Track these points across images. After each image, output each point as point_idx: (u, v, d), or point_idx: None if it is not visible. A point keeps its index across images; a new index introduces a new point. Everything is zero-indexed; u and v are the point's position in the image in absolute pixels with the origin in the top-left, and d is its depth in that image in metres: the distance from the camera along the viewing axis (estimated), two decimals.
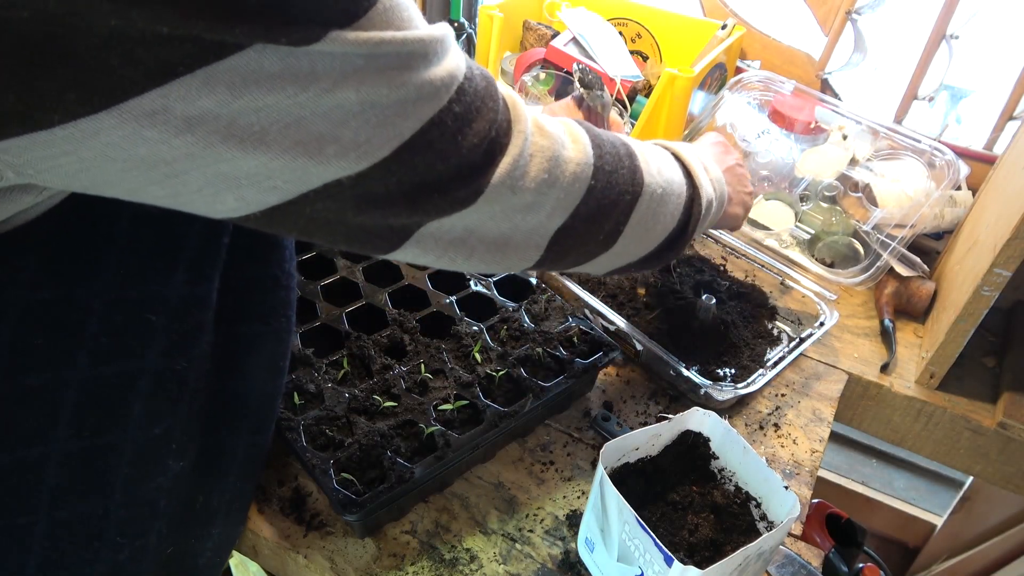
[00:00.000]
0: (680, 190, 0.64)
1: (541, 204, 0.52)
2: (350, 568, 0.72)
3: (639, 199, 0.59)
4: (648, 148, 0.64)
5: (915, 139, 1.12)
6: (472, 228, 0.50)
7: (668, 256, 0.67)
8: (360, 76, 0.38)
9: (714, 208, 0.70)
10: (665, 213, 0.63)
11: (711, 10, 1.41)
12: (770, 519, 0.71)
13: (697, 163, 0.69)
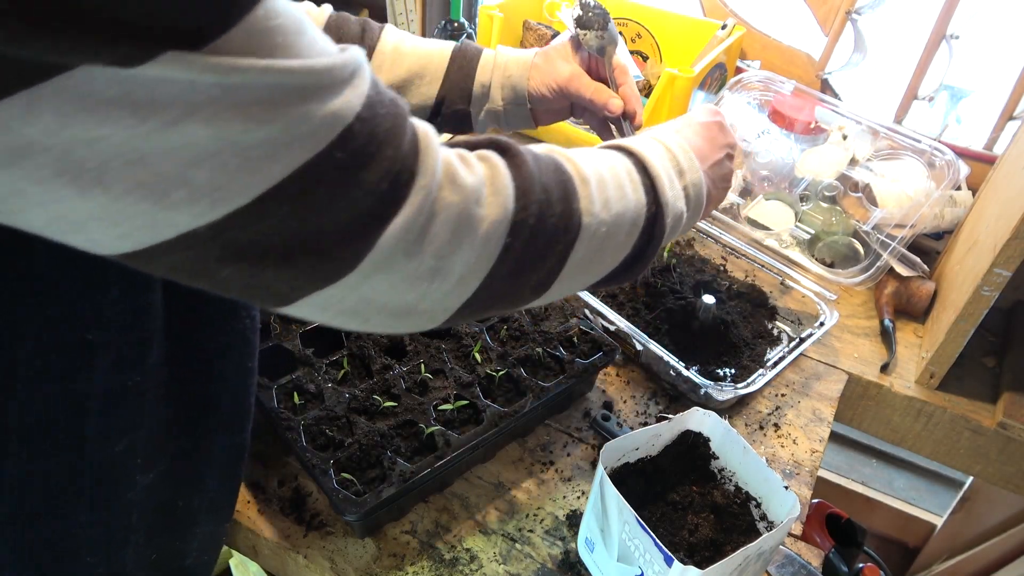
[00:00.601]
0: (636, 215, 0.57)
1: (446, 270, 0.44)
2: (350, 568, 0.72)
3: (575, 244, 0.52)
4: (602, 170, 0.56)
5: (915, 139, 1.12)
6: (366, 297, 0.43)
7: (625, 278, 0.62)
8: (214, 109, 0.33)
9: (685, 219, 0.64)
10: (612, 247, 0.57)
11: (711, 10, 1.41)
12: (770, 519, 0.71)
13: (666, 173, 0.61)
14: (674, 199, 0.61)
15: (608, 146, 0.63)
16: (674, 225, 0.61)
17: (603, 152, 0.59)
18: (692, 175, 0.64)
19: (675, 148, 0.64)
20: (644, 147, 0.62)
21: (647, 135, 0.66)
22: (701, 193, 0.65)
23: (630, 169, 0.58)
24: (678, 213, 0.61)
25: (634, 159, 0.60)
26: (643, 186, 0.58)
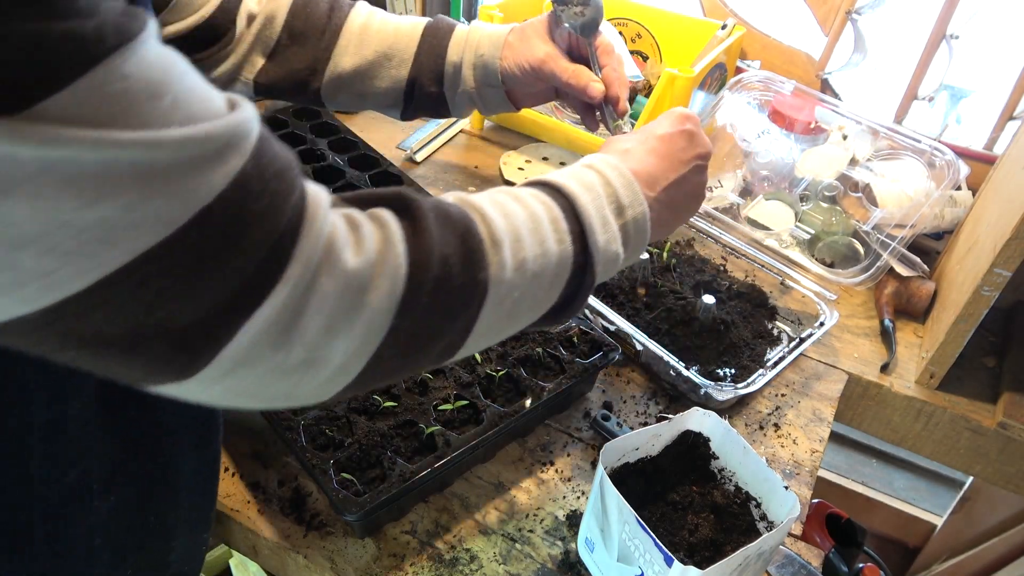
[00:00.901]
0: (560, 268, 0.53)
1: (322, 360, 0.40)
2: (350, 568, 0.72)
3: (479, 314, 0.48)
4: (520, 226, 0.50)
5: (915, 139, 1.12)
6: (231, 388, 0.39)
7: (554, 324, 0.58)
8: (35, 185, 0.29)
9: (623, 259, 0.58)
10: (529, 305, 0.52)
11: (711, 10, 1.41)
12: (770, 519, 0.71)
13: (600, 216, 0.55)
14: (607, 244, 0.55)
15: (538, 183, 0.57)
16: (607, 269, 0.57)
17: (528, 197, 0.53)
18: (634, 209, 0.58)
19: (617, 180, 0.58)
20: (578, 185, 0.56)
21: (592, 160, 0.60)
22: (644, 227, 0.59)
23: (556, 217, 0.53)
24: (612, 257, 0.56)
25: (564, 202, 0.55)
26: (571, 235, 0.53)
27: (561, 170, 0.59)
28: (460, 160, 1.34)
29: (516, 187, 0.56)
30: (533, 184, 0.57)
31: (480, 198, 0.51)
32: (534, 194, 0.54)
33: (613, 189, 0.57)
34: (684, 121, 0.66)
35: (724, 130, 1.23)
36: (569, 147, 1.37)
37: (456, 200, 0.50)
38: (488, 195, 0.52)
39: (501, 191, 0.54)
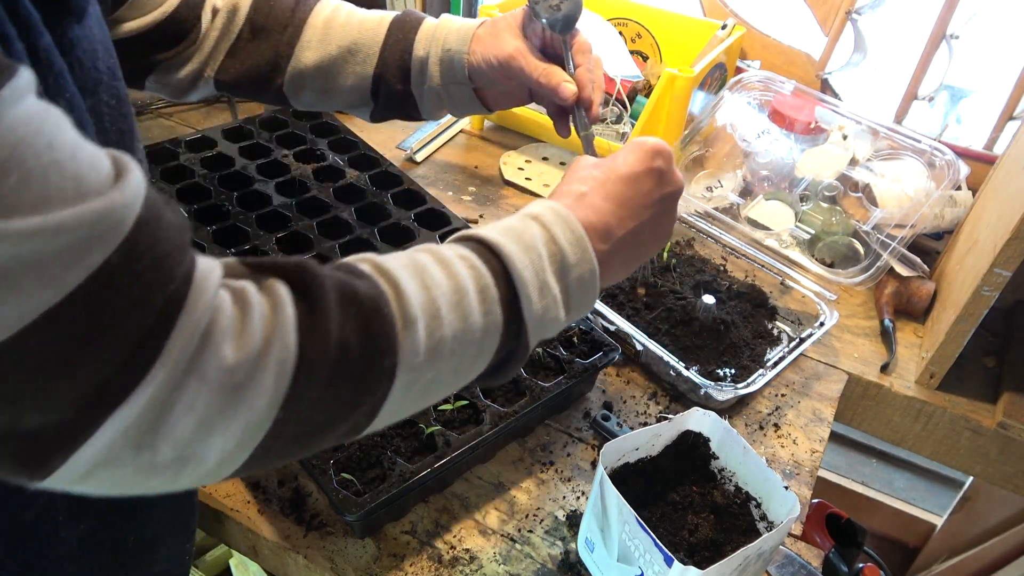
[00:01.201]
0: (486, 340, 0.49)
1: (197, 457, 0.37)
2: (350, 568, 0.72)
3: (385, 399, 0.44)
4: (440, 299, 0.46)
5: (915, 139, 1.12)
6: (95, 487, 0.36)
7: (482, 384, 0.54)
8: None
9: (566, 319, 0.54)
10: (448, 381, 0.49)
11: (711, 10, 1.41)
12: (770, 519, 0.71)
13: (537, 281, 0.50)
14: (544, 311, 0.51)
15: (473, 240, 0.51)
16: (546, 333, 0.53)
17: (456, 262, 0.48)
18: (581, 268, 0.53)
19: (564, 236, 0.52)
20: (516, 246, 0.50)
21: (540, 209, 0.54)
22: (592, 286, 0.54)
23: (485, 286, 0.48)
24: (551, 321, 0.52)
25: (496, 266, 0.49)
26: (501, 304, 0.49)
27: (506, 221, 0.53)
28: (460, 160, 1.34)
29: (447, 244, 0.51)
30: (467, 241, 0.52)
31: (400, 266, 0.46)
32: (464, 256, 0.49)
33: (558, 247, 0.52)
34: (654, 157, 0.58)
35: (724, 130, 1.23)
36: (569, 147, 1.37)
37: (371, 269, 0.45)
38: (411, 259, 0.47)
39: (427, 252, 0.49)
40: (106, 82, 0.48)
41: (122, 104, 0.51)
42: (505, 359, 0.52)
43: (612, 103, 1.32)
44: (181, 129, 1.35)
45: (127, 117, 0.52)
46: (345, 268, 0.45)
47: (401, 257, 0.48)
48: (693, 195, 1.16)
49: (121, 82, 0.51)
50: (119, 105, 0.51)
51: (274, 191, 1.06)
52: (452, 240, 0.53)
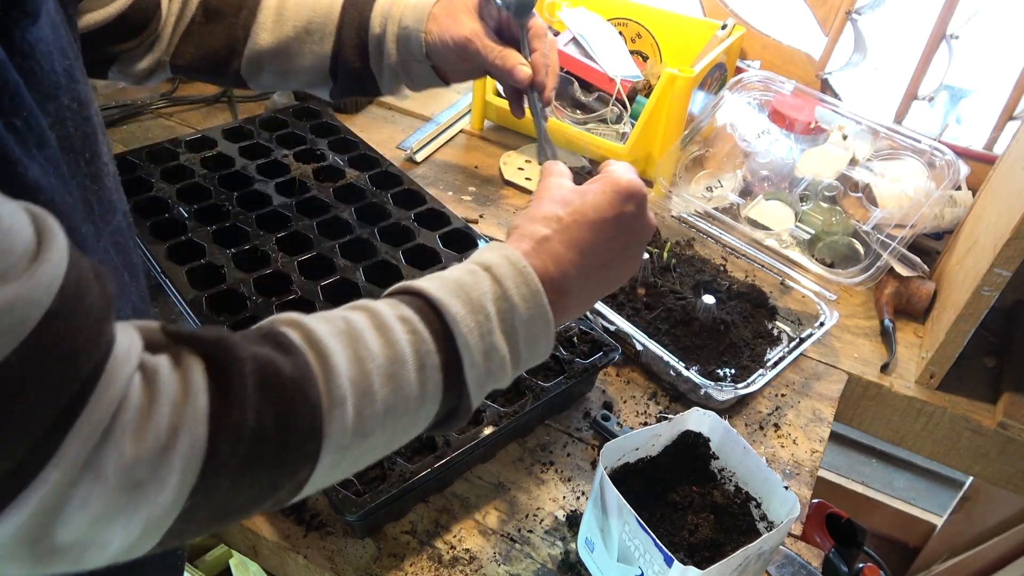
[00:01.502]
0: (425, 407, 0.47)
1: (98, 546, 0.36)
2: (350, 568, 0.72)
3: (309, 479, 0.42)
4: (373, 374, 0.44)
5: (915, 139, 1.12)
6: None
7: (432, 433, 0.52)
8: None
9: (512, 377, 0.52)
10: (380, 450, 0.47)
11: (711, 10, 1.41)
12: (770, 519, 0.71)
13: (483, 344, 0.48)
14: (488, 373, 0.49)
15: (415, 296, 0.48)
16: (491, 389, 0.51)
17: (395, 326, 0.46)
18: (534, 325, 0.50)
19: (516, 291, 0.50)
20: (463, 307, 0.48)
21: (493, 258, 0.51)
22: (548, 342, 0.52)
23: (425, 352, 0.46)
24: (497, 380, 0.50)
25: (439, 328, 0.47)
26: (442, 370, 0.47)
27: (457, 270, 0.51)
28: (460, 160, 1.34)
29: (389, 301, 0.48)
30: (410, 297, 0.49)
31: (333, 334, 0.44)
32: (404, 318, 0.46)
33: (510, 304, 0.49)
34: (625, 201, 0.54)
35: (724, 130, 1.23)
36: (569, 147, 1.37)
37: (301, 340, 0.42)
38: (347, 323, 0.45)
39: (366, 313, 0.46)
40: (65, 85, 0.47)
41: (84, 107, 0.50)
42: (448, 416, 0.50)
43: (612, 103, 1.32)
44: (181, 129, 1.35)
45: (90, 120, 0.51)
46: (273, 339, 0.42)
47: (337, 320, 0.45)
48: (693, 195, 1.17)
49: (80, 84, 0.50)
50: (81, 109, 0.50)
51: (274, 191, 1.06)
52: (395, 293, 0.50)
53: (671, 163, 1.20)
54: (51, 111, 0.46)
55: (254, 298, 0.89)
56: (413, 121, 1.45)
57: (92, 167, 0.52)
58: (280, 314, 0.46)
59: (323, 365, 0.42)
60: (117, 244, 0.55)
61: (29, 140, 0.41)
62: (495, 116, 1.42)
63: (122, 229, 0.56)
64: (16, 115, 0.40)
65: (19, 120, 0.40)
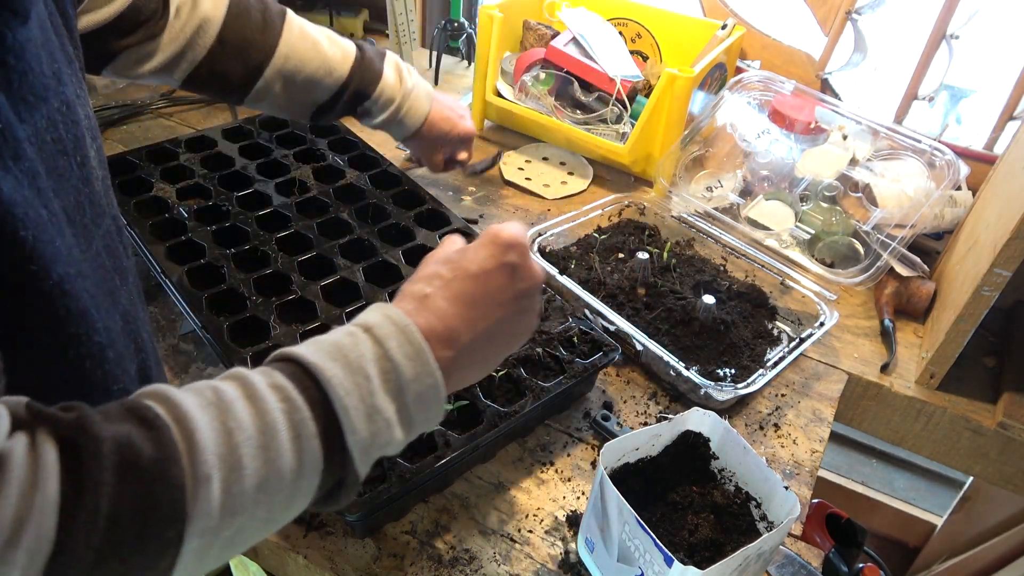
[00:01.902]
0: (305, 478, 0.45)
1: None
2: (350, 568, 0.72)
3: (176, 563, 0.40)
4: (243, 447, 0.42)
5: (915, 139, 1.12)
6: None
7: (323, 510, 0.51)
8: None
9: (404, 440, 0.50)
10: (259, 528, 0.45)
11: (711, 10, 1.41)
12: (770, 519, 0.71)
13: (364, 408, 0.47)
14: (373, 437, 0.47)
15: (291, 362, 0.48)
16: (380, 455, 0.49)
17: (267, 395, 0.45)
18: (420, 383, 0.49)
19: (399, 351, 0.49)
20: (341, 370, 0.47)
21: (374, 319, 0.50)
22: (436, 397, 0.51)
23: (299, 420, 0.45)
24: (383, 447, 0.49)
25: (315, 394, 0.46)
26: (320, 437, 0.45)
27: (336, 334, 0.50)
28: None
29: (263, 370, 0.47)
30: (285, 363, 0.48)
31: (200, 406, 0.42)
32: (278, 386, 0.45)
33: (392, 364, 0.48)
34: (506, 251, 0.54)
35: (724, 130, 1.23)
36: (569, 147, 1.37)
37: (166, 414, 0.41)
38: (216, 395, 0.44)
39: (237, 383, 0.45)
40: (53, 88, 0.47)
41: (71, 111, 0.50)
42: (336, 487, 0.48)
43: (612, 103, 1.32)
44: (181, 129, 1.35)
45: (78, 124, 0.51)
46: (136, 414, 0.40)
47: (206, 391, 0.44)
48: (693, 195, 1.17)
49: (67, 87, 0.50)
50: (69, 112, 0.49)
51: (274, 191, 1.06)
52: (270, 361, 0.49)
53: (671, 163, 1.20)
54: (43, 113, 0.46)
55: (254, 298, 0.89)
56: None
57: (83, 170, 0.52)
58: (147, 386, 0.44)
59: (187, 440, 0.40)
60: (108, 248, 0.55)
61: (4, 153, 0.40)
62: (495, 116, 1.42)
63: (111, 233, 0.56)
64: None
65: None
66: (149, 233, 0.96)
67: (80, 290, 0.47)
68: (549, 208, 1.24)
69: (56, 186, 0.48)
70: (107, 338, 0.51)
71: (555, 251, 1.08)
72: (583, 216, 1.11)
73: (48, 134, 0.47)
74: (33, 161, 0.44)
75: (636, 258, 1.02)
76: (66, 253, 0.46)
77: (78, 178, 0.51)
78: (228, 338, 0.83)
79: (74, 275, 0.46)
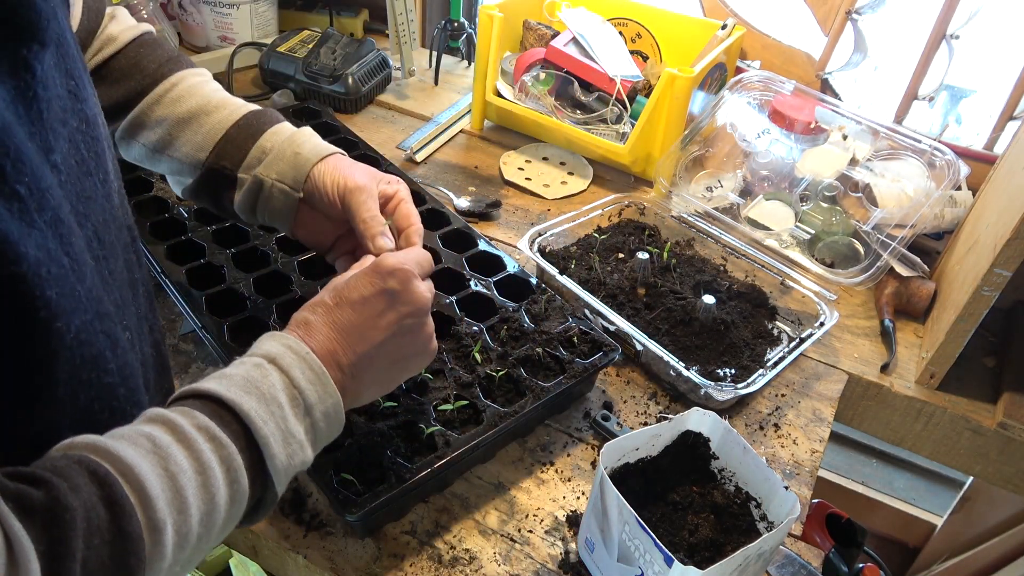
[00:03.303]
0: (236, 504, 0.49)
1: None
2: (350, 568, 0.72)
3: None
4: (185, 482, 0.45)
5: (915, 139, 1.12)
6: None
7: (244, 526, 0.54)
8: None
9: (310, 457, 0.56)
10: (201, 552, 0.48)
11: (711, 10, 1.41)
12: (770, 519, 0.71)
13: (279, 432, 0.52)
14: (289, 458, 0.52)
15: (211, 400, 0.51)
16: (293, 474, 0.54)
17: (197, 438, 0.47)
18: (324, 404, 0.55)
19: (302, 376, 0.54)
20: (256, 402, 0.51)
21: (274, 350, 0.55)
22: (339, 417, 0.57)
23: (228, 455, 0.48)
24: (297, 464, 0.54)
25: (237, 428, 0.50)
26: (247, 466, 0.49)
27: (243, 367, 0.54)
28: (460, 160, 1.34)
29: (180, 410, 0.49)
30: (204, 400, 0.51)
31: (140, 455, 0.44)
32: (202, 427, 0.48)
33: (298, 390, 0.54)
34: (386, 279, 0.60)
35: (724, 130, 1.23)
36: (569, 147, 1.37)
37: (112, 469, 0.42)
38: (152, 442, 0.45)
39: (166, 428, 0.47)
40: (71, 107, 0.47)
41: (92, 127, 0.50)
42: (253, 509, 0.53)
43: (612, 103, 1.32)
44: None
45: (99, 140, 0.51)
46: (87, 471, 0.41)
47: (140, 440, 0.45)
48: (693, 195, 1.17)
49: (87, 103, 0.50)
50: (90, 128, 0.50)
51: None
52: (187, 397, 0.51)
53: (671, 163, 1.20)
54: (65, 137, 0.46)
55: (254, 298, 0.89)
56: (413, 121, 1.45)
57: (105, 187, 0.52)
58: (77, 438, 0.45)
59: (139, 493, 0.43)
60: (126, 261, 0.55)
61: (30, 207, 0.40)
62: (495, 116, 1.42)
63: (128, 245, 0.56)
64: (19, 181, 0.40)
65: (22, 186, 0.40)
66: (149, 233, 0.96)
67: (94, 335, 0.47)
68: (549, 208, 1.24)
69: (86, 209, 0.48)
70: (120, 376, 0.51)
71: (555, 251, 1.08)
72: (583, 216, 1.11)
73: (72, 157, 0.47)
74: (58, 207, 0.43)
75: (636, 258, 1.02)
76: (85, 299, 0.46)
77: (102, 195, 0.51)
78: (228, 338, 0.83)
79: (90, 320, 0.46)
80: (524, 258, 1.08)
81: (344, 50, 1.45)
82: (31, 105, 0.42)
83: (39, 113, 0.42)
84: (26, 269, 0.39)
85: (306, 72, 1.42)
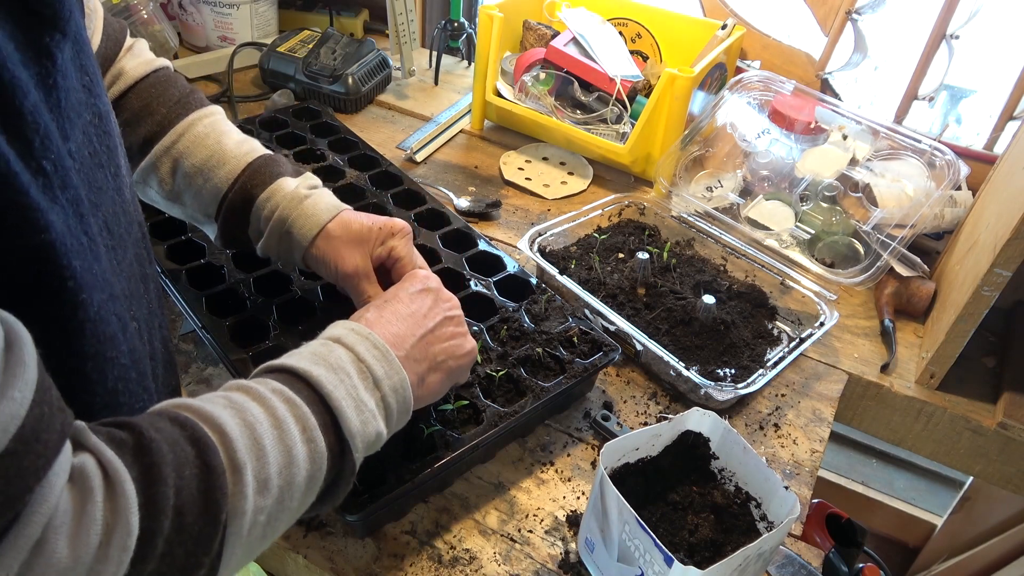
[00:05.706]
0: (314, 470, 0.51)
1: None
2: (350, 568, 0.72)
3: (224, 548, 0.44)
4: (264, 438, 0.47)
5: (915, 139, 1.12)
6: None
7: (317, 511, 0.56)
8: None
9: (387, 433, 0.58)
10: (286, 517, 0.50)
11: (711, 10, 1.41)
12: (770, 519, 0.71)
13: (353, 399, 0.54)
14: (363, 426, 0.54)
15: (281, 371, 0.54)
16: (370, 448, 0.56)
17: (270, 397, 0.50)
18: (391, 379, 0.58)
19: (368, 352, 0.57)
20: (325, 370, 0.54)
21: (339, 333, 0.59)
22: (405, 394, 0.59)
23: (302, 415, 0.51)
24: (372, 437, 0.56)
25: (310, 393, 0.52)
26: (321, 428, 0.51)
27: (309, 347, 0.57)
28: (460, 160, 1.34)
29: (257, 380, 0.53)
30: (276, 373, 0.54)
31: (220, 408, 0.47)
32: (276, 390, 0.51)
33: (365, 364, 0.57)
34: (424, 281, 0.69)
35: (724, 130, 1.23)
36: (569, 147, 1.37)
37: (192, 415, 0.46)
38: (228, 399, 0.49)
39: (242, 391, 0.50)
40: (86, 101, 0.48)
41: (104, 121, 0.51)
42: (334, 482, 0.54)
43: (612, 103, 1.32)
44: None
45: (111, 135, 0.52)
46: (169, 417, 0.44)
47: (216, 399, 0.49)
48: (693, 195, 1.17)
49: (100, 99, 0.51)
50: (102, 123, 0.51)
51: None
52: (261, 373, 0.55)
53: (671, 163, 1.20)
54: (79, 128, 0.46)
55: (254, 298, 0.89)
56: (413, 121, 1.45)
57: (116, 180, 0.52)
58: (166, 401, 0.48)
59: (219, 434, 0.46)
60: (137, 255, 0.56)
61: (54, 183, 0.41)
62: (495, 116, 1.42)
63: (138, 240, 0.57)
64: (46, 157, 0.41)
65: (48, 163, 0.41)
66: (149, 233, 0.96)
67: (109, 315, 0.48)
68: (549, 208, 1.24)
69: (97, 200, 0.48)
70: (130, 359, 0.52)
71: (555, 251, 1.08)
72: (583, 216, 1.11)
73: (86, 148, 0.48)
74: (77, 188, 0.44)
75: (636, 258, 1.02)
76: (102, 278, 0.47)
77: (113, 189, 0.52)
78: (228, 338, 0.83)
79: (106, 299, 0.47)
80: (524, 258, 1.08)
81: (344, 50, 1.45)
82: (51, 92, 0.42)
83: (57, 101, 0.43)
84: (54, 238, 0.40)
85: (306, 72, 1.42)
